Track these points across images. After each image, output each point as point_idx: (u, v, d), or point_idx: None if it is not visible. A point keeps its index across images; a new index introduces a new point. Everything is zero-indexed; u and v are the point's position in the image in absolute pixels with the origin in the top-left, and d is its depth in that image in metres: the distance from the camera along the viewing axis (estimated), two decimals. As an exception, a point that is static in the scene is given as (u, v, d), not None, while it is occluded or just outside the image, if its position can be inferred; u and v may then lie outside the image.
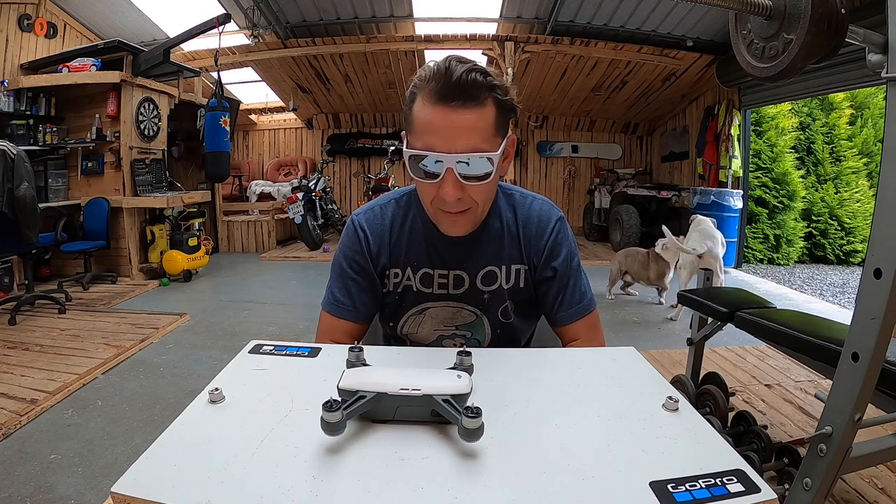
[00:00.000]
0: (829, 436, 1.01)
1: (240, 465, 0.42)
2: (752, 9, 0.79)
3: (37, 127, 4.72)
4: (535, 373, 0.59)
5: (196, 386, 1.33)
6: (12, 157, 3.14)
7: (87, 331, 3.32)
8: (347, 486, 0.40)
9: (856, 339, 0.95)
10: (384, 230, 0.93)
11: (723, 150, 5.61)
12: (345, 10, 5.32)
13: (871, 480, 1.67)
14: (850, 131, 6.24)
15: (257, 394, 0.55)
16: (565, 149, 8.01)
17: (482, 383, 0.57)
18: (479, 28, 5.57)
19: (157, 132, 5.17)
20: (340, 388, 0.48)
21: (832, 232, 6.12)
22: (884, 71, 0.86)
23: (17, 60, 4.64)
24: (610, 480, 0.40)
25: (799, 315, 1.72)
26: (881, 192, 0.92)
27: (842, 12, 0.75)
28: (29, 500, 1.68)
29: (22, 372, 2.62)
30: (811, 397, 2.32)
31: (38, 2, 4.74)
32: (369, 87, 6.91)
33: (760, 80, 0.85)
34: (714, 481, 0.39)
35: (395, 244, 0.93)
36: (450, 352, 0.63)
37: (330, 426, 0.43)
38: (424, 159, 0.76)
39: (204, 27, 4.40)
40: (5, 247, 3.56)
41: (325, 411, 0.43)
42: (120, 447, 2.01)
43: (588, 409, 0.51)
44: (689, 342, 2.08)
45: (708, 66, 5.70)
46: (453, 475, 0.41)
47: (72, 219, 4.60)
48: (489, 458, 0.43)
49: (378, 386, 0.47)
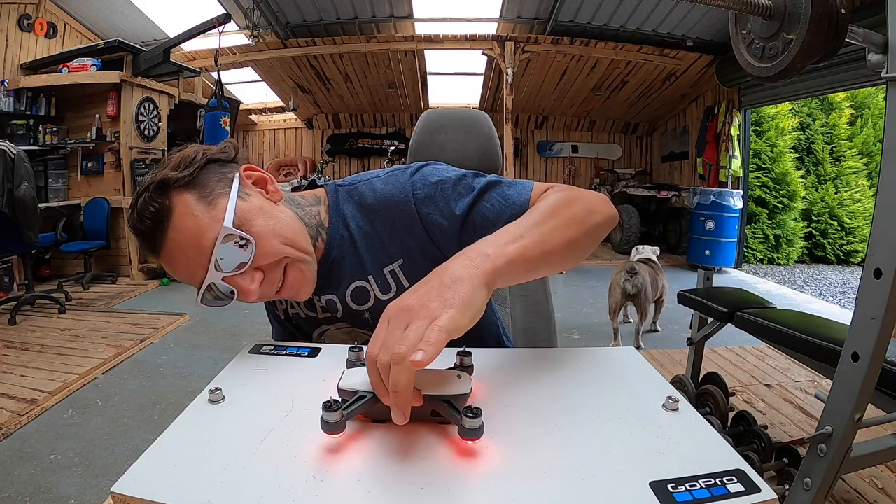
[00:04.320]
0: (829, 436, 1.01)
1: (240, 465, 0.42)
2: (752, 9, 0.79)
3: (37, 127, 4.73)
4: (534, 373, 0.59)
5: (196, 386, 1.33)
6: (12, 157, 3.15)
7: (87, 331, 3.33)
8: (347, 486, 0.40)
9: (856, 339, 0.95)
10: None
11: (723, 150, 5.61)
12: (345, 10, 5.33)
13: (871, 480, 1.67)
14: (850, 131, 6.25)
15: (257, 394, 0.55)
16: (565, 149, 8.02)
17: (482, 383, 0.57)
18: (479, 28, 5.57)
19: (157, 132, 5.18)
20: (340, 388, 0.48)
21: (832, 232, 6.12)
22: (884, 71, 0.86)
23: (17, 60, 4.64)
24: (610, 480, 0.40)
25: (799, 315, 1.72)
26: (881, 192, 0.92)
27: (842, 12, 0.75)
28: (29, 500, 1.68)
29: (22, 372, 2.63)
30: (811, 397, 2.32)
31: (38, 2, 4.74)
32: (369, 87, 6.91)
33: (760, 80, 0.85)
34: (714, 481, 0.39)
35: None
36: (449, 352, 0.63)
37: (330, 426, 0.43)
38: (212, 293, 0.67)
39: (204, 27, 4.40)
40: (5, 247, 3.56)
41: (325, 411, 0.43)
42: (120, 447, 2.01)
43: (588, 409, 0.51)
44: (689, 342, 2.08)
45: (708, 66, 5.70)
46: (453, 475, 0.41)
47: (72, 219, 4.60)
48: (489, 458, 0.43)
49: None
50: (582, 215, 0.65)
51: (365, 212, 0.77)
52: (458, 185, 0.73)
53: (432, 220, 0.73)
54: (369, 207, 0.77)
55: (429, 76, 6.70)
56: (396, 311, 0.47)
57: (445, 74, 6.79)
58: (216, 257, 0.64)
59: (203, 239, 0.64)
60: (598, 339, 3.33)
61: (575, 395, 0.54)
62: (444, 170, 0.76)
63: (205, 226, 0.64)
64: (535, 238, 0.58)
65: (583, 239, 0.64)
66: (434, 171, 0.75)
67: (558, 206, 0.64)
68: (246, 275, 0.66)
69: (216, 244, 0.63)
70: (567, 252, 0.62)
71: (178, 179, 0.66)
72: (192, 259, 0.65)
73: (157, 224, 0.65)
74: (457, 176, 0.74)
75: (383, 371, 0.43)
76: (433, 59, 6.25)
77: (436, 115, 1.20)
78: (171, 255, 0.66)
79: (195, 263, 0.65)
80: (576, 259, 0.65)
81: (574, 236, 0.63)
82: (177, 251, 0.65)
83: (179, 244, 0.65)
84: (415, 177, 0.75)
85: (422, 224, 0.74)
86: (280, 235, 0.68)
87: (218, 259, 0.64)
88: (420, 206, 0.73)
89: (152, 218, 0.65)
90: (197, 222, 0.64)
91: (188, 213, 0.65)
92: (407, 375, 0.42)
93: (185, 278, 0.67)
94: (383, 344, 0.44)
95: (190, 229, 0.64)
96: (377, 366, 0.44)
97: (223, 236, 0.64)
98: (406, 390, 0.42)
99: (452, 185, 0.73)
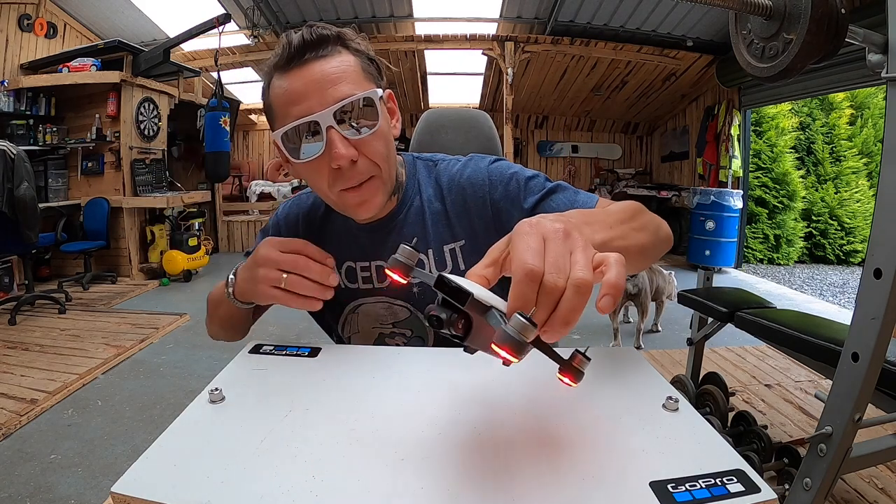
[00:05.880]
0: (829, 436, 1.01)
1: (240, 465, 0.42)
2: (752, 9, 0.79)
3: (37, 127, 4.73)
4: (534, 372, 0.60)
5: (196, 386, 1.33)
6: (12, 157, 3.15)
7: (87, 331, 3.33)
8: (347, 487, 0.40)
9: (856, 339, 0.95)
10: (299, 222, 0.85)
11: (723, 150, 5.61)
12: (345, 10, 5.33)
13: (871, 480, 1.67)
14: (850, 131, 6.25)
15: (257, 394, 0.55)
16: (565, 149, 8.02)
17: (481, 383, 0.57)
18: (479, 28, 5.57)
19: (157, 132, 5.18)
20: (477, 298, 0.38)
21: (832, 232, 6.12)
22: (884, 71, 0.86)
23: (17, 60, 4.64)
24: (610, 480, 0.40)
25: (799, 315, 1.72)
26: (881, 192, 0.92)
27: (842, 12, 0.75)
28: (29, 500, 1.68)
29: (22, 372, 2.63)
30: (811, 397, 2.32)
31: (38, 2, 4.74)
32: (369, 87, 6.91)
33: (760, 80, 0.85)
34: (714, 481, 0.39)
35: (316, 236, 0.83)
36: (447, 352, 0.64)
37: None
38: (298, 134, 0.66)
39: (204, 27, 4.40)
40: (5, 247, 3.56)
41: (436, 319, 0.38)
42: (120, 447, 2.01)
43: (588, 409, 0.51)
44: (689, 342, 2.08)
45: (708, 66, 5.70)
46: (453, 475, 0.41)
47: (72, 219, 4.60)
48: (489, 458, 0.43)
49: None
50: (654, 226, 0.68)
51: (440, 188, 0.81)
52: (529, 181, 0.76)
53: (502, 209, 0.76)
54: (445, 186, 0.80)
55: (429, 76, 6.70)
56: (552, 230, 0.40)
57: (445, 74, 6.78)
58: (344, 103, 0.64)
59: (346, 85, 0.65)
60: (598, 338, 3.32)
61: (575, 395, 0.54)
62: (519, 167, 0.80)
63: (354, 80, 0.67)
64: (619, 233, 0.58)
65: (652, 248, 0.66)
66: (509, 166, 0.79)
67: (635, 212, 0.66)
68: (346, 141, 0.66)
69: (354, 95, 0.65)
70: (639, 256, 0.62)
71: (353, 43, 0.70)
72: (321, 90, 0.65)
73: (319, 43, 0.67)
74: (531, 174, 0.78)
75: (551, 293, 0.37)
76: (433, 59, 6.25)
77: (436, 116, 1.20)
78: (303, 74, 0.65)
79: (319, 94, 0.65)
80: (640, 266, 0.66)
81: (647, 243, 0.64)
82: (315, 75, 0.65)
83: (324, 71, 0.65)
84: (492, 166, 0.79)
85: (491, 211, 0.77)
86: (390, 152, 0.73)
87: (344, 106, 0.65)
88: (494, 194, 0.76)
89: (320, 38, 0.67)
90: (351, 73, 0.67)
91: (347, 63, 0.68)
92: (582, 303, 0.37)
93: (288, 102, 0.66)
94: (555, 265, 0.38)
95: (342, 70, 0.66)
96: (543, 284, 0.37)
97: (365, 95, 0.66)
98: (574, 318, 0.37)
99: (526, 180, 0.76)
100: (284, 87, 0.66)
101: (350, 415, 0.51)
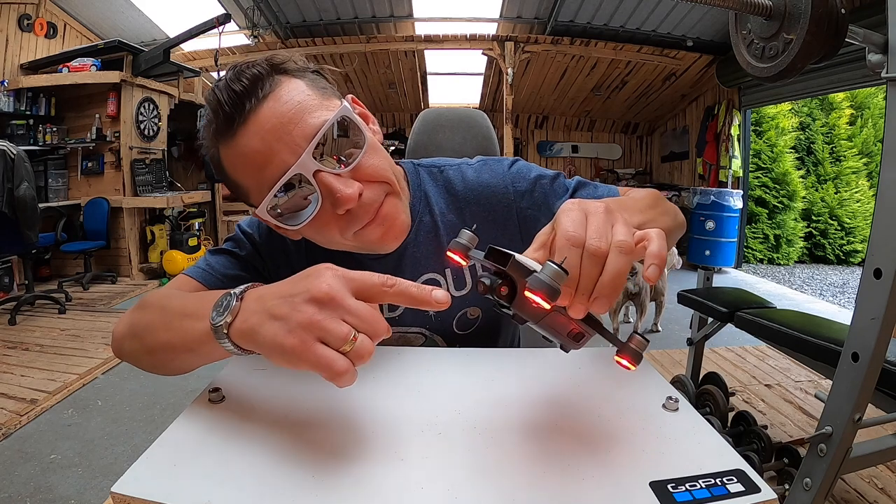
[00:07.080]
0: (829, 436, 1.01)
1: (240, 465, 0.42)
2: (752, 9, 0.79)
3: (37, 127, 4.73)
4: (534, 372, 0.60)
5: (196, 386, 1.33)
6: (12, 157, 3.15)
7: (87, 331, 3.33)
8: (347, 487, 0.40)
9: (856, 339, 0.95)
10: (286, 241, 0.71)
11: (723, 150, 5.61)
12: (345, 10, 5.32)
13: (871, 480, 1.67)
14: (850, 131, 6.25)
15: (257, 394, 0.55)
16: (565, 149, 8.01)
17: (481, 383, 0.57)
18: (479, 28, 5.57)
19: (157, 132, 5.18)
20: (519, 260, 0.39)
21: (832, 232, 6.12)
22: (884, 71, 0.86)
23: (17, 60, 4.64)
24: (610, 480, 0.40)
25: (799, 315, 1.72)
26: (881, 192, 0.92)
27: (842, 12, 0.75)
28: (29, 500, 1.68)
29: (22, 372, 2.63)
30: (811, 397, 2.32)
31: (38, 2, 4.74)
32: (369, 87, 6.91)
33: (760, 80, 0.85)
34: (714, 481, 0.39)
35: (307, 264, 0.68)
36: (448, 352, 0.63)
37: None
38: (282, 197, 0.55)
39: (204, 27, 4.40)
40: (5, 247, 3.56)
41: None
42: (120, 447, 2.01)
43: (588, 409, 0.51)
44: (689, 342, 2.08)
45: (708, 66, 5.70)
46: (453, 475, 0.41)
47: (72, 219, 4.60)
48: (489, 458, 0.43)
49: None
50: (674, 212, 0.68)
51: (453, 199, 0.73)
52: (554, 182, 0.73)
53: (529, 216, 0.72)
54: (459, 195, 0.73)
55: (429, 76, 6.70)
56: (594, 207, 0.41)
57: (445, 74, 6.79)
58: (319, 137, 0.53)
59: (310, 116, 0.54)
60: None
61: (575, 395, 0.54)
62: (539, 167, 0.75)
63: (315, 105, 0.55)
64: (650, 216, 0.59)
65: (672, 233, 0.66)
66: (530, 167, 0.75)
67: (656, 198, 0.67)
68: (342, 178, 0.55)
69: (324, 123, 0.54)
70: (666, 239, 0.64)
71: (290, 64, 0.58)
72: (284, 137, 0.53)
73: (254, 86, 0.54)
74: (553, 174, 0.75)
75: (594, 255, 0.38)
76: (433, 59, 6.25)
77: (434, 115, 1.20)
78: (255, 130, 0.53)
79: (285, 144, 0.53)
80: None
81: (671, 227, 0.65)
82: (267, 124, 0.53)
83: (277, 114, 0.53)
84: (512, 171, 0.73)
85: (517, 219, 0.72)
86: (388, 159, 0.62)
87: (320, 140, 0.53)
88: (520, 200, 0.72)
89: (252, 80, 0.54)
90: (307, 99, 0.55)
91: (297, 90, 0.55)
92: (627, 266, 0.38)
93: (254, 170, 0.54)
94: (597, 231, 0.39)
95: (297, 102, 0.54)
96: (586, 248, 0.38)
97: (337, 116, 0.54)
98: (620, 282, 0.38)
99: (550, 181, 0.73)
100: (241, 154, 0.55)
101: (350, 415, 0.51)
